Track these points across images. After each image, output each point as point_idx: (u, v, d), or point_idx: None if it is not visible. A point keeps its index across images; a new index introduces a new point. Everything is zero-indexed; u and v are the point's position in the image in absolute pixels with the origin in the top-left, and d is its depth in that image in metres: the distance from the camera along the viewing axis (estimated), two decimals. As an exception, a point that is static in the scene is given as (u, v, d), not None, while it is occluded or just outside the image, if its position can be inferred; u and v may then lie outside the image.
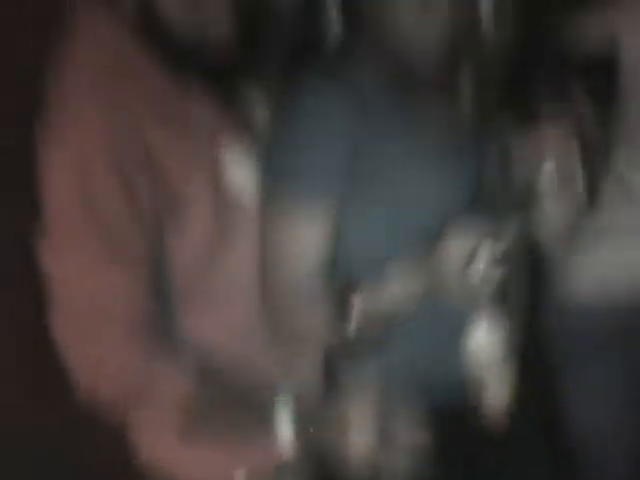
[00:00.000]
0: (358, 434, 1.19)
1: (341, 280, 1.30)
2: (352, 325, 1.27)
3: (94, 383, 1.21)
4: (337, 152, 1.27)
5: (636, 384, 1.83)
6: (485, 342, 1.36)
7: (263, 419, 1.22)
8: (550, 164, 1.48)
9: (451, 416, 1.32)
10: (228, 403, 1.24)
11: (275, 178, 1.29)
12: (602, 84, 1.70)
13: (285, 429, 1.20)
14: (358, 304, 1.27)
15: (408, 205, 1.31)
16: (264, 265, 1.28)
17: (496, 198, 1.40)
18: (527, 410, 1.51)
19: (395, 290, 1.28)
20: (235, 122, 1.32)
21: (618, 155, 1.77)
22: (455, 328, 1.36)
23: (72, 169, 1.17)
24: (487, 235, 1.26)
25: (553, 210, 1.51)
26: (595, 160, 1.59)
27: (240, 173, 1.28)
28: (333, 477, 1.24)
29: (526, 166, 1.47)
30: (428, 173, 1.33)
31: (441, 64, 1.34)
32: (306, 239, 1.27)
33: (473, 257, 1.25)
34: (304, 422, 1.21)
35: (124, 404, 1.23)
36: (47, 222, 1.21)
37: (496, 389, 1.38)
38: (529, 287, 1.49)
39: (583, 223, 1.66)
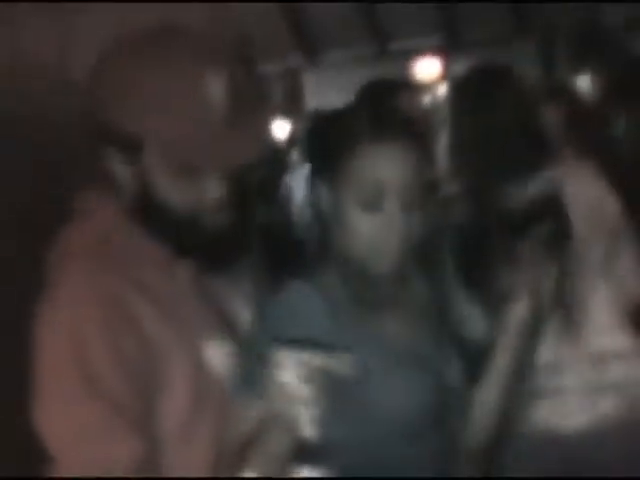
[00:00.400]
0: None
1: None
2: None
3: None
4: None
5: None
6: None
7: None
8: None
9: None
10: None
11: (247, 372, 1.31)
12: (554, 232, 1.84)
13: None
14: None
15: (366, 409, 1.37)
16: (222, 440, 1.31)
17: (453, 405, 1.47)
18: None
19: None
20: (218, 305, 1.38)
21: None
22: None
23: (65, 334, 1.20)
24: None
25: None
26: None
27: (218, 354, 1.31)
28: None
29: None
30: (388, 377, 1.40)
31: (401, 269, 1.41)
32: None
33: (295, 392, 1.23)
34: None
35: None
36: (39, 386, 1.22)
37: None
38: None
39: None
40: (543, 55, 8.14)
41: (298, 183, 4.81)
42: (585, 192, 2.00)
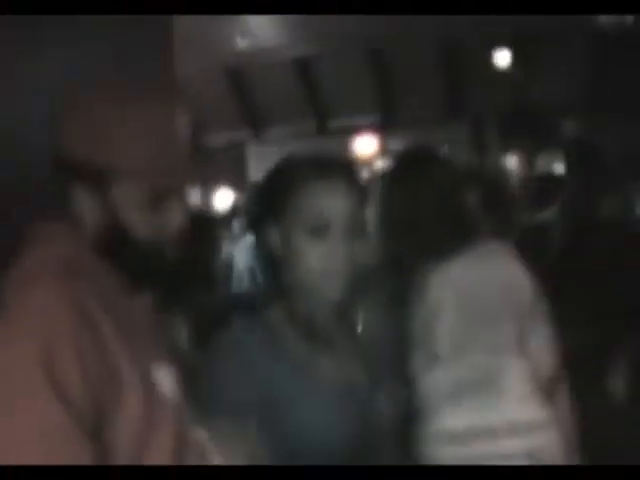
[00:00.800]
0: None
1: None
2: None
3: None
4: (249, 387, 1.49)
5: None
6: None
7: None
8: None
9: None
10: None
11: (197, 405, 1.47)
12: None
13: None
14: None
15: (301, 434, 1.52)
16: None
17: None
18: None
19: None
20: (168, 334, 1.49)
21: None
22: None
23: (34, 342, 1.24)
24: None
25: None
26: None
27: (166, 378, 1.39)
28: None
29: None
30: (319, 407, 1.54)
31: (339, 307, 1.60)
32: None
33: None
34: None
35: None
36: None
37: None
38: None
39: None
40: (474, 135, 8.42)
41: (240, 252, 4.89)
42: (501, 273, 2.13)
